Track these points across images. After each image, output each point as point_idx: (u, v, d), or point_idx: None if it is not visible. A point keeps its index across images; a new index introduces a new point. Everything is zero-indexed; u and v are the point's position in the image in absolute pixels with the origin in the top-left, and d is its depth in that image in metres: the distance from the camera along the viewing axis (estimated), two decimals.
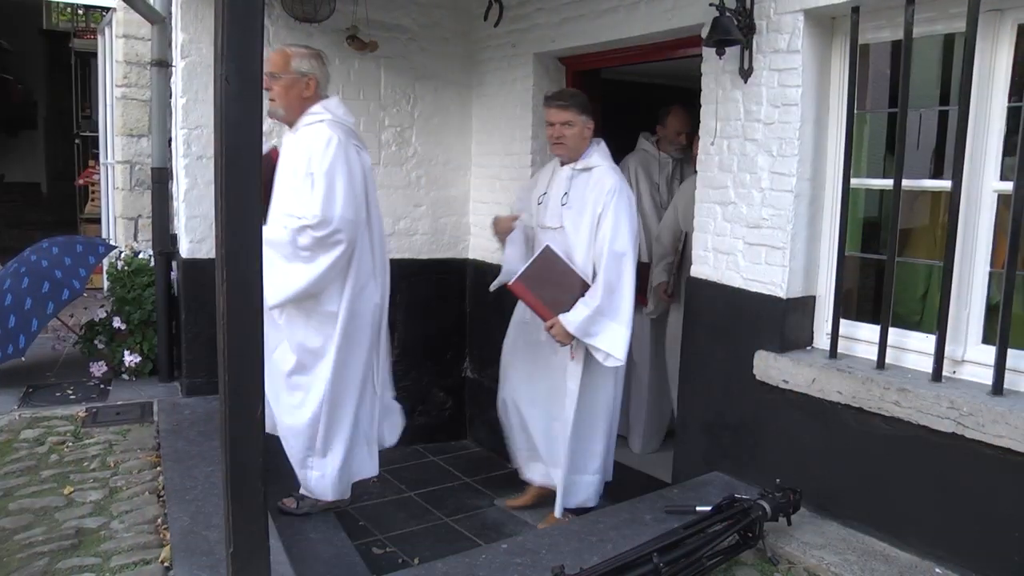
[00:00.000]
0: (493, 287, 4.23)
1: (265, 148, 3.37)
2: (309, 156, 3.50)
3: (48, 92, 13.13)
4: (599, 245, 3.75)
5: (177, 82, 4.75)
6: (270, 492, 2.17)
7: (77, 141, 11.85)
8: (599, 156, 3.94)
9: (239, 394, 2.02)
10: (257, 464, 2.07)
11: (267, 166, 3.57)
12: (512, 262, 4.09)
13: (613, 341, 3.67)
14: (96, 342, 5.32)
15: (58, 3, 11.51)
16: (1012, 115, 2.82)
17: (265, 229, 3.13)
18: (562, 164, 4.02)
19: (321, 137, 3.53)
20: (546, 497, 4.27)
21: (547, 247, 3.82)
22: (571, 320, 3.67)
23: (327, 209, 3.43)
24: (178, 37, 4.66)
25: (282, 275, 3.47)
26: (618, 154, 4.33)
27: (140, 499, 3.42)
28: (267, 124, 4.62)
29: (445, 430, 5.66)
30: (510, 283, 3.85)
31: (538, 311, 3.83)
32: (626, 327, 3.69)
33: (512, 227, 4.20)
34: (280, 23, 4.78)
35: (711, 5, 3.26)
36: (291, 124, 3.71)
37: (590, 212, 3.80)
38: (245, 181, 1.95)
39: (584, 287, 3.74)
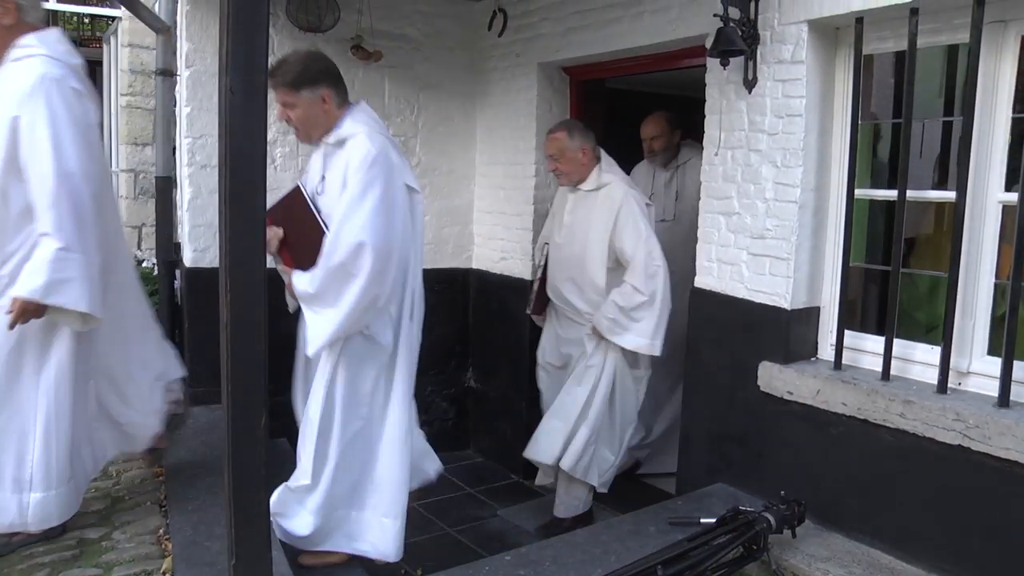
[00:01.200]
0: None
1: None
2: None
3: None
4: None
5: (181, 91, 4.76)
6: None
7: None
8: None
9: (242, 405, 2.02)
10: (260, 475, 2.07)
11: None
12: None
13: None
14: None
15: (64, 12, 11.55)
16: (1016, 126, 2.82)
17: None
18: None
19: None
20: None
21: (297, 186, 3.35)
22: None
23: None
24: (183, 47, 4.67)
25: None
26: (623, 164, 4.34)
27: (142, 509, 3.41)
28: (271, 133, 4.65)
29: (447, 440, 5.63)
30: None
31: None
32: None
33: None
34: (284, 33, 4.79)
35: (715, 16, 3.26)
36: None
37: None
38: (249, 191, 1.96)
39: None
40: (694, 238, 3.84)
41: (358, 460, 3.24)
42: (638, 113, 5.08)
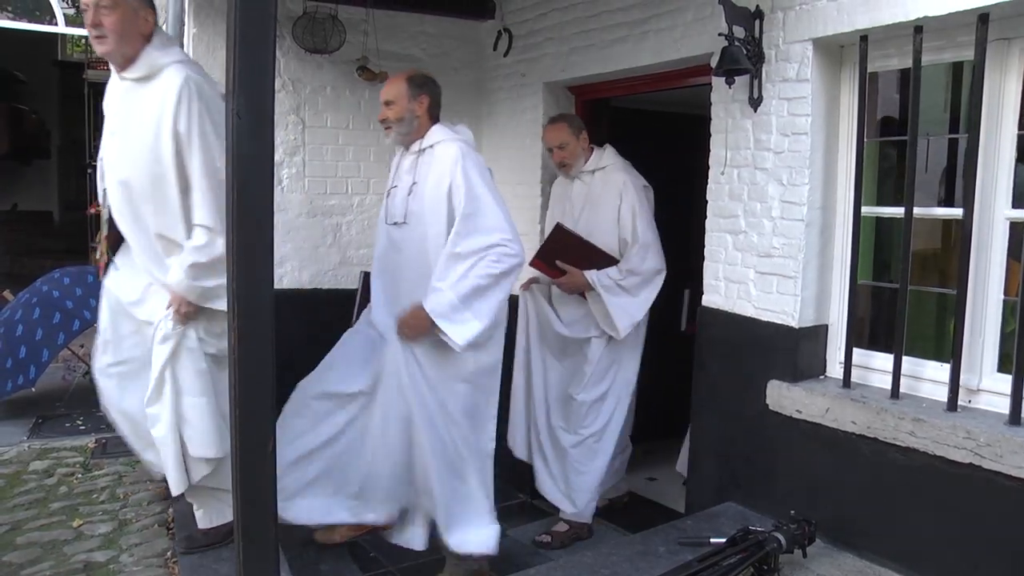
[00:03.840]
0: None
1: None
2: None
3: (61, 122, 13.26)
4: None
5: None
6: None
7: (89, 170, 11.93)
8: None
9: (250, 427, 2.01)
10: (268, 497, 2.06)
11: None
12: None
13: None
14: None
15: (72, 35, 11.64)
16: (1022, 143, 2.82)
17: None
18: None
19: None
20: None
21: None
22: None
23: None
24: None
25: None
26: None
27: (150, 532, 3.40)
28: (278, 154, 4.67)
29: None
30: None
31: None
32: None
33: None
34: (291, 55, 4.82)
35: (720, 35, 3.28)
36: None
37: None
38: (256, 213, 1.96)
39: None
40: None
41: None
42: (643, 132, 5.09)
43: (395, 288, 3.51)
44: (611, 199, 4.14)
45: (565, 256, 4.10)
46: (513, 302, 3.68)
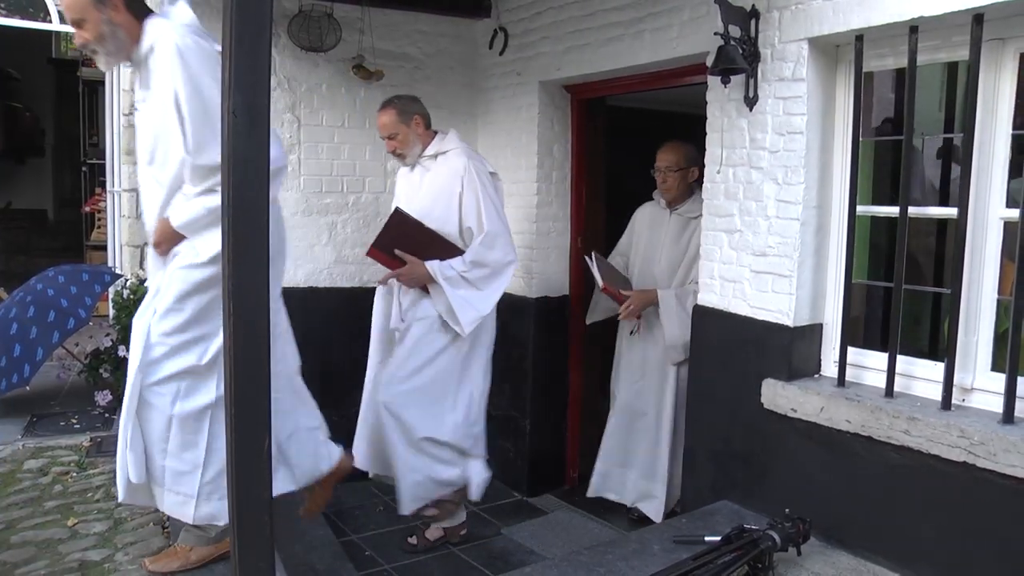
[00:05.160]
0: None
1: None
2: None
3: (56, 120, 13.23)
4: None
5: None
6: None
7: (84, 168, 11.92)
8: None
9: (246, 427, 2.01)
10: (263, 497, 2.06)
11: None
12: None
13: None
14: (101, 371, 5.32)
15: (67, 33, 11.61)
16: (1016, 143, 2.82)
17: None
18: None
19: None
20: None
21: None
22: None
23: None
24: None
25: None
26: (630, 177, 4.35)
27: (145, 531, 3.40)
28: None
29: None
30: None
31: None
32: None
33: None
34: (286, 53, 4.82)
35: (716, 34, 3.28)
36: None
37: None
38: (252, 214, 1.95)
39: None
40: None
41: None
42: (639, 130, 5.10)
43: None
44: (452, 185, 3.93)
45: (405, 245, 3.83)
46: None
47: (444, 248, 3.86)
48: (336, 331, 4.93)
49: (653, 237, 4.49)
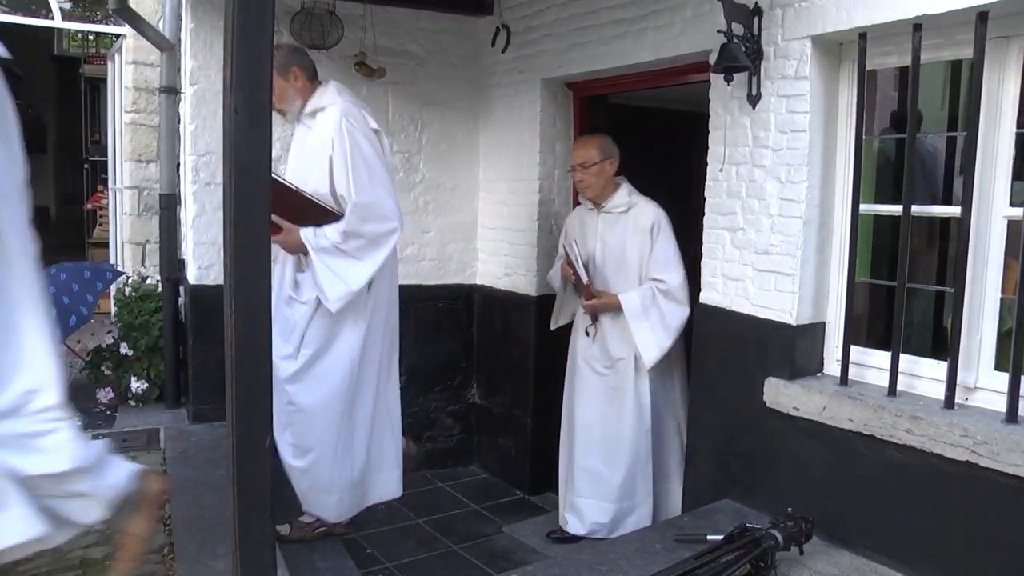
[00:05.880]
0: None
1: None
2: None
3: (58, 117, 13.25)
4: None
5: (186, 109, 4.78)
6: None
7: (86, 166, 11.94)
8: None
9: (247, 424, 2.00)
10: (265, 494, 2.05)
11: None
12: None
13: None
14: (103, 368, 5.32)
15: (69, 29, 11.62)
16: (1020, 141, 2.81)
17: None
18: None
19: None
20: None
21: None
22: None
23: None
24: (187, 64, 4.69)
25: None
26: (631, 175, 4.34)
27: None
28: (276, 151, 4.65)
29: (452, 456, 5.63)
30: None
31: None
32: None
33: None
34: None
35: (719, 32, 3.27)
36: None
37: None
38: (254, 210, 1.95)
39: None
40: None
41: None
42: (642, 128, 5.09)
43: None
44: (323, 147, 3.54)
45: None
46: None
47: (322, 214, 3.52)
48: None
49: (589, 243, 4.32)
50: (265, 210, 1.97)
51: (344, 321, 3.62)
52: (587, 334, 4.35)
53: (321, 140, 3.55)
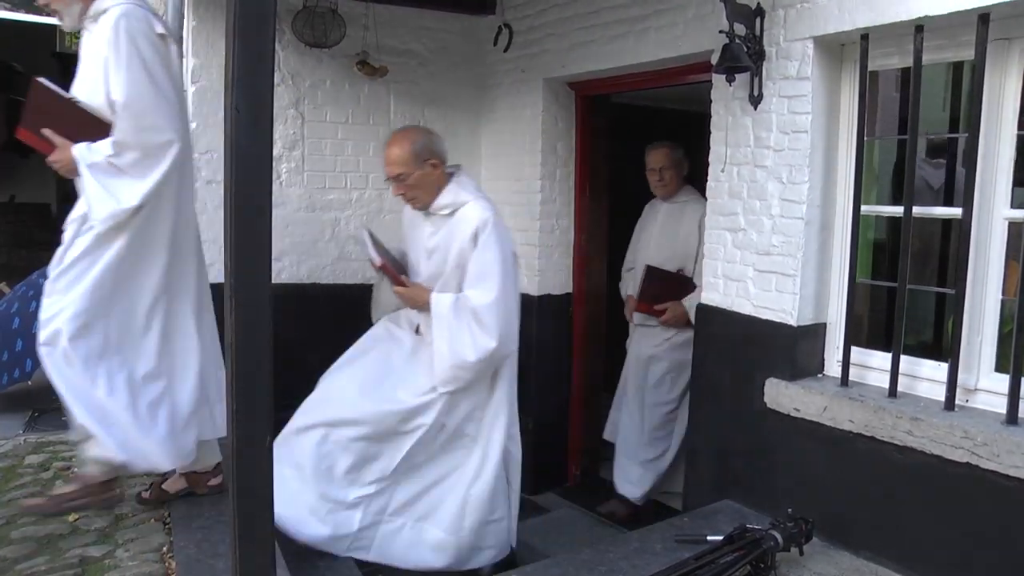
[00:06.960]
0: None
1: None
2: None
3: None
4: None
5: (187, 107, 4.77)
6: None
7: None
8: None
9: (247, 422, 2.00)
10: (265, 493, 2.05)
11: None
12: None
13: None
14: None
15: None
16: (1021, 143, 2.81)
17: None
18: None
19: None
20: None
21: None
22: None
23: None
24: (188, 63, 4.69)
25: None
26: (632, 174, 4.34)
27: (146, 527, 3.39)
28: (276, 149, 4.66)
29: None
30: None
31: None
32: None
33: None
34: (290, 48, 4.81)
35: (721, 32, 3.27)
36: None
37: None
38: (255, 209, 1.95)
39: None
40: None
41: None
42: (643, 128, 5.08)
43: None
44: (100, 49, 3.14)
45: (53, 123, 3.13)
46: None
47: (95, 126, 3.14)
48: (338, 327, 4.92)
49: (415, 248, 3.81)
50: (266, 210, 1.97)
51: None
52: (418, 332, 3.78)
53: (99, 44, 3.16)
